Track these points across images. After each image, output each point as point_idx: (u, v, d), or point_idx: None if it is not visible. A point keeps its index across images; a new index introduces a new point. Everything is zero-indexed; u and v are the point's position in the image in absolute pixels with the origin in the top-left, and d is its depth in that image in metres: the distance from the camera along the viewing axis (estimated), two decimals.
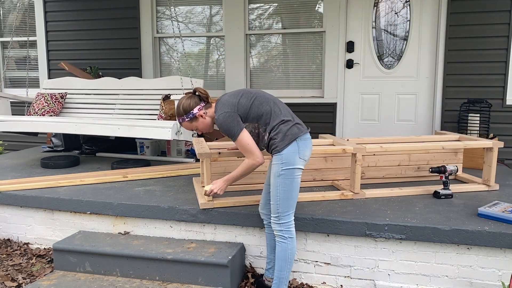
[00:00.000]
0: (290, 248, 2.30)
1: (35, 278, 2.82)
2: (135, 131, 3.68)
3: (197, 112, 2.36)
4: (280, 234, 2.30)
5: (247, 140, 2.27)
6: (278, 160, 2.26)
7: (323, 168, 3.37)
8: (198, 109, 2.36)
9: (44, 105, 4.53)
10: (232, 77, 5.20)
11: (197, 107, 2.36)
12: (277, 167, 2.26)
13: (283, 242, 2.30)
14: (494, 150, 3.15)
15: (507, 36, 4.34)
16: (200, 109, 2.37)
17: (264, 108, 2.30)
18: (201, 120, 2.40)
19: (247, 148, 2.28)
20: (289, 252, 2.30)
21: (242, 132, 2.26)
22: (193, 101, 2.37)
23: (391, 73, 4.83)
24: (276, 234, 2.33)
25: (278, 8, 5.06)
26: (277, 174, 2.25)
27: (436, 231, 2.48)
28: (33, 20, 5.81)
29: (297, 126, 2.30)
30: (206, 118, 2.40)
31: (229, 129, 2.26)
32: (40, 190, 3.33)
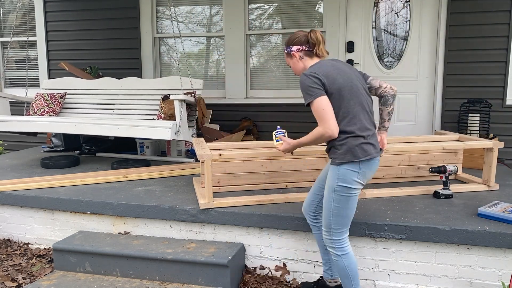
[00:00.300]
0: (347, 265, 2.12)
1: (35, 278, 2.82)
2: (134, 131, 3.68)
3: (294, 51, 2.23)
4: (333, 251, 2.15)
5: (324, 106, 2.03)
6: (334, 173, 2.08)
7: (322, 168, 3.37)
8: (296, 49, 2.22)
9: (43, 105, 4.52)
10: (232, 77, 5.19)
11: (297, 46, 2.22)
12: (333, 180, 2.08)
13: (337, 260, 2.14)
14: (494, 150, 3.15)
15: (507, 36, 4.33)
16: (299, 49, 2.22)
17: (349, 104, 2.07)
18: (294, 61, 2.26)
19: (321, 114, 2.03)
20: (347, 269, 2.13)
21: (320, 97, 2.03)
22: (299, 40, 2.21)
23: (391, 73, 4.83)
24: (328, 249, 2.18)
25: (278, 8, 5.06)
26: (332, 189, 2.08)
27: (436, 231, 2.48)
28: (33, 20, 5.80)
29: (368, 146, 2.07)
30: (299, 62, 2.24)
31: (307, 90, 2.06)
32: (40, 190, 3.33)
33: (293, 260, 2.77)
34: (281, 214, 2.71)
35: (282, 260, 2.80)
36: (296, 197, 2.97)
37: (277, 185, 3.29)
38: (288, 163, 3.29)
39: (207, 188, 2.81)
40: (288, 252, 2.77)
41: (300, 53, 2.22)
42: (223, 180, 3.21)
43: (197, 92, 4.23)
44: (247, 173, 3.25)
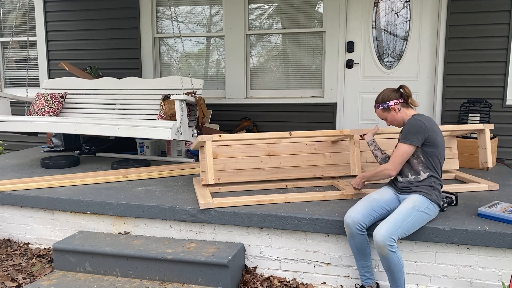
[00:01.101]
0: (400, 258, 2.32)
1: (35, 278, 2.83)
2: (135, 131, 3.68)
3: (391, 105, 2.58)
4: (390, 248, 2.27)
5: (407, 152, 2.47)
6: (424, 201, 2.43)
7: (322, 164, 3.38)
8: (394, 103, 2.58)
9: (44, 105, 4.53)
10: (232, 77, 5.19)
11: (394, 101, 2.58)
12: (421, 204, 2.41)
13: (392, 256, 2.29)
14: (485, 132, 3.24)
15: (507, 36, 4.33)
16: (396, 103, 2.58)
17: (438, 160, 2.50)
18: (392, 113, 2.61)
19: (398, 157, 2.48)
20: (401, 261, 2.32)
21: (411, 145, 2.45)
22: (394, 95, 2.59)
23: (391, 73, 4.83)
24: (384, 247, 2.28)
25: (278, 8, 5.06)
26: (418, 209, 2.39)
27: (436, 231, 2.48)
28: (33, 20, 5.81)
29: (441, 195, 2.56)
30: (397, 113, 2.59)
31: (409, 133, 2.45)
32: (40, 190, 3.33)
33: (293, 260, 2.77)
34: (281, 214, 2.71)
35: (282, 260, 2.80)
36: (296, 197, 2.97)
37: (277, 185, 3.29)
38: (287, 159, 3.31)
39: (209, 169, 2.83)
40: (288, 252, 2.77)
41: (397, 106, 2.60)
42: (223, 177, 3.21)
43: (197, 92, 4.23)
44: (247, 169, 3.25)
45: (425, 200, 2.43)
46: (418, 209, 2.39)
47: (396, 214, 2.37)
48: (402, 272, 2.32)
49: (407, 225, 2.35)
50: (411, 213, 2.37)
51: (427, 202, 2.44)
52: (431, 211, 2.46)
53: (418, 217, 2.39)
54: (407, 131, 2.47)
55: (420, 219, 2.41)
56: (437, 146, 2.47)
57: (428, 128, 2.43)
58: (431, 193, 2.46)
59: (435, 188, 2.49)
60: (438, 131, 2.49)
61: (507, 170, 3.99)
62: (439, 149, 2.48)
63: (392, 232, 2.29)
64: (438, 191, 2.50)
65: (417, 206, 2.40)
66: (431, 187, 2.48)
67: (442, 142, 2.51)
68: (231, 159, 3.24)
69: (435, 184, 2.49)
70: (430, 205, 2.44)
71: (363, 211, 2.47)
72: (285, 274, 2.80)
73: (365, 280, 2.54)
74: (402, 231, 2.34)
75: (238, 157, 3.26)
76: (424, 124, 2.43)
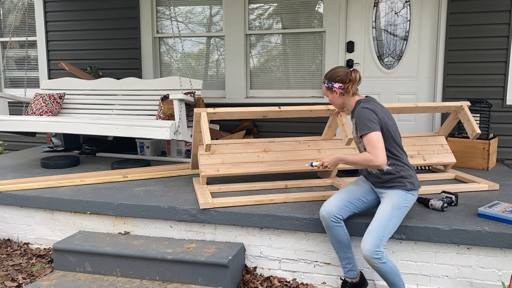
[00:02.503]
0: (392, 266, 2.28)
1: (35, 278, 2.82)
2: (133, 130, 3.68)
3: (335, 88, 2.51)
4: (378, 261, 2.24)
5: (380, 138, 2.33)
6: (401, 196, 2.37)
7: (318, 158, 3.40)
8: (338, 86, 2.50)
9: (42, 105, 4.52)
10: (232, 77, 5.19)
11: (340, 84, 2.50)
12: (398, 201, 2.36)
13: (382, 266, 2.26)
14: (464, 107, 3.40)
15: (507, 36, 4.33)
16: (341, 87, 2.50)
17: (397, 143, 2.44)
18: (334, 95, 2.55)
19: (376, 144, 2.31)
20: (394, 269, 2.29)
21: (377, 131, 2.33)
22: (341, 78, 2.49)
23: (391, 73, 4.83)
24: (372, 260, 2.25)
25: (278, 8, 5.06)
26: (397, 207, 2.34)
27: (436, 231, 2.48)
28: (33, 20, 5.80)
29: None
30: (339, 97, 2.54)
31: (366, 121, 2.34)
32: (40, 190, 3.33)
33: (293, 260, 2.77)
34: (281, 214, 2.71)
35: (282, 260, 2.80)
36: (296, 197, 2.97)
37: (277, 185, 3.29)
38: (283, 154, 3.36)
39: (205, 134, 2.92)
40: (288, 252, 2.77)
41: (339, 90, 2.51)
42: (222, 169, 3.22)
43: (197, 92, 4.22)
44: (245, 163, 3.27)
45: (401, 194, 2.37)
46: (398, 207, 2.34)
47: (377, 221, 2.30)
48: (398, 277, 2.29)
49: (390, 228, 2.30)
50: (391, 215, 2.32)
51: (404, 194, 2.38)
52: (410, 200, 2.39)
53: (399, 214, 2.35)
54: (362, 120, 2.36)
55: (402, 215, 2.36)
56: (389, 128, 2.40)
57: (378, 113, 2.38)
58: (404, 183, 2.39)
59: (405, 175, 2.40)
60: (386, 112, 2.44)
61: (507, 170, 3.99)
62: (391, 131, 2.40)
63: (376, 244, 2.24)
64: (409, 175, 2.41)
65: (396, 205, 2.34)
66: (401, 177, 2.39)
67: (393, 122, 2.44)
68: (229, 154, 3.30)
69: (403, 171, 2.40)
70: (408, 195, 2.38)
71: (338, 203, 2.46)
72: (285, 274, 2.80)
73: (347, 272, 2.52)
74: (387, 236, 2.29)
75: (236, 152, 3.31)
76: (375, 111, 2.37)
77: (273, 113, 3.24)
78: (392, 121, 2.45)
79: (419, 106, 3.37)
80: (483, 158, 3.93)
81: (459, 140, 4.04)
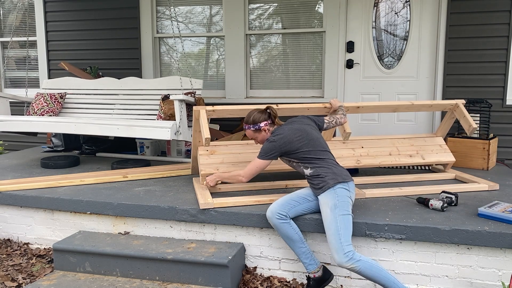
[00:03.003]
0: (370, 266, 2.29)
1: (35, 278, 2.82)
2: (134, 131, 3.68)
3: (262, 126, 2.78)
4: (351, 265, 2.26)
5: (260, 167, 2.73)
6: (331, 194, 2.47)
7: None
8: (264, 124, 2.78)
9: (43, 105, 4.53)
10: (232, 77, 5.19)
11: (265, 122, 2.78)
12: (332, 200, 2.45)
13: (359, 269, 2.27)
14: (459, 105, 3.44)
15: (507, 36, 4.33)
16: (266, 124, 2.78)
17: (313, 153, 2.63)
18: (262, 134, 2.80)
19: (252, 169, 2.75)
20: (374, 267, 2.29)
21: (264, 160, 2.70)
22: (263, 116, 2.79)
23: (391, 73, 4.83)
24: (346, 267, 2.28)
25: (278, 8, 5.06)
26: (334, 206, 2.42)
27: (436, 231, 2.48)
28: (33, 20, 5.80)
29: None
30: (267, 133, 2.79)
31: (264, 150, 2.69)
32: (40, 190, 3.33)
33: (293, 260, 2.77)
34: None
35: (282, 260, 2.80)
36: None
37: (277, 185, 3.29)
38: None
39: (205, 129, 2.96)
40: (288, 252, 2.77)
41: (267, 127, 2.79)
42: (222, 168, 3.22)
43: (197, 92, 4.23)
44: (244, 162, 3.27)
45: (330, 193, 2.46)
46: (335, 206, 2.41)
47: (327, 229, 2.38)
48: (383, 273, 2.29)
49: (341, 228, 2.34)
50: (334, 216, 2.38)
51: (333, 191, 2.46)
52: (343, 193, 2.46)
53: (341, 211, 2.39)
54: (263, 148, 2.69)
55: (344, 210, 2.41)
56: (299, 148, 2.61)
57: (281, 145, 2.63)
58: (325, 181, 2.50)
59: (323, 174, 2.53)
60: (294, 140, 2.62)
61: (507, 170, 3.99)
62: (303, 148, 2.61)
63: (339, 249, 2.28)
64: (329, 173, 2.53)
65: (332, 205, 2.42)
66: (321, 177, 2.53)
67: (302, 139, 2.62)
68: (228, 154, 3.31)
69: (322, 171, 2.54)
70: (336, 190, 2.46)
71: (280, 202, 2.60)
72: (285, 274, 2.80)
73: (308, 266, 2.54)
74: (346, 237, 2.32)
75: (236, 153, 3.32)
76: (277, 142, 2.63)
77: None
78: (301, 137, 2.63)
79: (415, 104, 3.38)
80: (483, 158, 3.93)
81: (459, 140, 4.04)
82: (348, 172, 2.61)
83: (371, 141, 3.64)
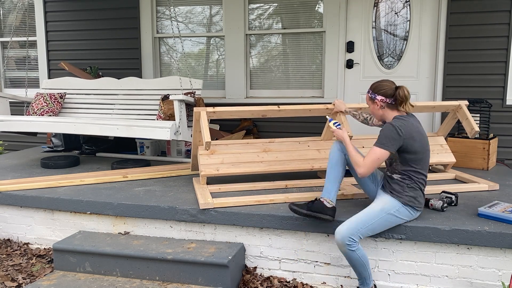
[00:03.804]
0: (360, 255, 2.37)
1: (35, 278, 2.82)
2: (134, 131, 3.68)
3: (377, 99, 2.50)
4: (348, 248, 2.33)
5: (380, 157, 2.37)
6: (395, 204, 2.43)
7: (319, 158, 3.41)
8: (380, 99, 2.50)
9: (43, 105, 4.53)
10: (232, 77, 5.19)
11: (382, 97, 2.49)
12: (391, 207, 2.43)
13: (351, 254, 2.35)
14: (462, 106, 3.42)
15: (507, 36, 4.33)
16: (383, 100, 2.49)
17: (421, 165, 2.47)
18: (374, 106, 2.55)
19: (373, 158, 2.37)
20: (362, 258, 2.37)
21: (385, 150, 2.36)
22: (385, 92, 2.49)
23: (391, 73, 4.83)
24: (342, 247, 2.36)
25: (278, 8, 5.06)
26: (387, 211, 2.41)
27: (436, 231, 2.48)
28: (33, 20, 5.80)
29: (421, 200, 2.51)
30: (379, 109, 2.53)
31: (384, 137, 2.38)
32: (40, 190, 3.33)
33: (293, 260, 2.77)
34: (281, 214, 2.71)
35: (282, 260, 2.80)
36: (296, 197, 2.97)
37: (277, 185, 3.29)
38: (283, 154, 3.37)
39: (205, 132, 2.97)
40: (288, 252, 2.77)
41: (381, 102, 2.50)
42: (222, 168, 3.21)
43: (197, 92, 4.23)
44: (245, 162, 3.27)
45: (395, 203, 2.43)
46: (387, 212, 2.41)
47: (362, 213, 2.40)
48: (365, 267, 2.37)
49: (372, 226, 2.38)
50: (378, 215, 2.39)
51: (398, 205, 2.43)
52: (403, 214, 2.44)
53: (387, 219, 2.41)
54: (382, 134, 2.39)
55: (389, 221, 2.43)
56: (416, 152, 2.40)
57: (405, 135, 2.36)
58: (402, 195, 2.42)
59: (409, 192, 2.43)
60: (417, 137, 2.40)
61: (507, 170, 3.99)
62: (418, 155, 2.41)
63: (352, 232, 2.33)
64: (414, 196, 2.44)
65: (386, 209, 2.41)
66: (404, 191, 2.43)
67: (423, 147, 2.42)
68: (229, 154, 3.30)
69: (409, 189, 2.43)
70: (402, 208, 2.43)
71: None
72: (285, 274, 2.80)
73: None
74: (365, 231, 2.37)
75: (236, 152, 3.31)
76: (401, 131, 2.35)
77: (272, 112, 3.25)
78: (421, 144, 2.41)
79: (418, 105, 3.37)
80: (483, 158, 3.93)
81: (459, 140, 4.04)
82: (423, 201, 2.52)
83: (372, 140, 3.63)
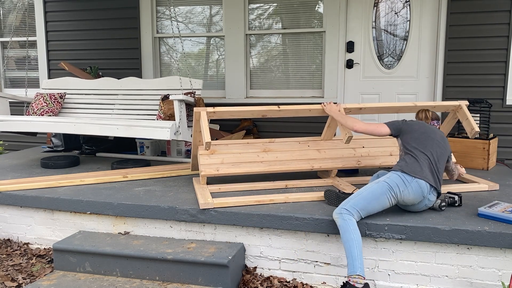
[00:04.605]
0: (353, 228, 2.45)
1: (35, 278, 2.82)
2: (134, 131, 3.68)
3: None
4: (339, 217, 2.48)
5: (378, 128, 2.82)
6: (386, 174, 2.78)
7: (319, 158, 3.41)
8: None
9: (43, 105, 4.53)
10: (232, 77, 5.19)
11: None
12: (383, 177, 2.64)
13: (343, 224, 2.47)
14: (462, 106, 3.44)
15: (507, 36, 4.33)
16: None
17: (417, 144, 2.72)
18: None
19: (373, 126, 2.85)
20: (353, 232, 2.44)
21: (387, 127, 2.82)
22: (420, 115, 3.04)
23: (391, 73, 4.83)
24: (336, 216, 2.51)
25: (278, 8, 5.06)
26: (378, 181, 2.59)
27: (436, 231, 2.48)
28: (33, 20, 5.80)
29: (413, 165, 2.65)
30: None
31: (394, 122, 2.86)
32: (40, 190, 3.33)
33: (293, 260, 2.77)
34: (281, 214, 2.71)
35: (282, 260, 2.80)
36: (296, 197, 2.97)
37: (277, 185, 3.29)
38: (283, 154, 3.36)
39: (205, 132, 2.99)
40: (288, 252, 2.77)
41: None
42: (222, 169, 3.21)
43: (197, 92, 4.23)
44: (245, 162, 3.27)
45: (387, 173, 2.66)
46: (378, 181, 2.56)
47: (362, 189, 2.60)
48: (353, 243, 2.38)
49: (364, 197, 2.51)
50: (369, 186, 2.56)
51: (390, 173, 2.59)
52: (394, 179, 2.54)
53: (378, 187, 2.53)
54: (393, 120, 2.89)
55: (380, 189, 2.53)
56: (412, 131, 2.73)
57: (407, 122, 2.82)
58: (395, 166, 2.64)
59: (402, 160, 2.66)
60: (417, 124, 2.79)
61: (507, 170, 3.99)
62: (413, 134, 2.72)
63: (344, 204, 2.52)
64: (405, 161, 2.62)
65: (378, 180, 2.57)
66: (398, 161, 2.68)
67: (420, 129, 2.74)
68: (229, 154, 3.30)
69: (401, 156, 2.74)
70: (393, 174, 2.57)
71: None
72: (285, 274, 2.80)
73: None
74: (358, 200, 2.51)
75: (236, 152, 3.31)
76: (405, 120, 2.85)
77: (272, 112, 3.25)
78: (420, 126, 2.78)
79: (418, 105, 3.37)
80: (483, 158, 3.93)
81: (459, 140, 4.05)
82: (423, 173, 2.57)
83: (372, 140, 3.63)
